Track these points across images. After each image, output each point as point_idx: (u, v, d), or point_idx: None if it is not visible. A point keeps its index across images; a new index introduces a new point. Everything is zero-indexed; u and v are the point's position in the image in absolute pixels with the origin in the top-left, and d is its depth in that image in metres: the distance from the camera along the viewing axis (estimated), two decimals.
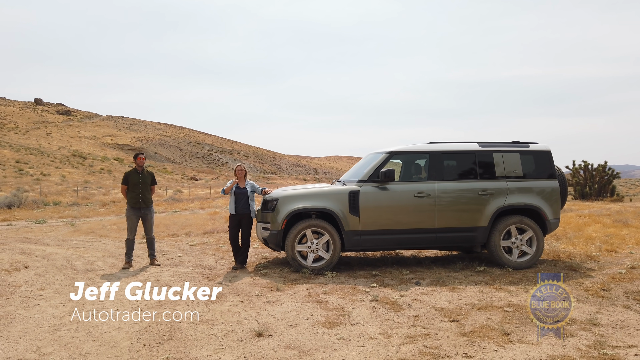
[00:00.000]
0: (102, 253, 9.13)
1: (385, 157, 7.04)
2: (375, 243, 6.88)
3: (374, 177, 6.90)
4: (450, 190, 6.93)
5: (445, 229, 6.89)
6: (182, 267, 7.51)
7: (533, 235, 6.96)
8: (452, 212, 6.91)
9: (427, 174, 7.03)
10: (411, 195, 6.85)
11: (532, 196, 7.04)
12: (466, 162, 7.12)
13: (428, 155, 7.09)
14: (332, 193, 6.87)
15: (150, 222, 7.87)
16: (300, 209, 6.74)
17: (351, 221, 6.75)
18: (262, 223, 7.12)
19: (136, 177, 7.73)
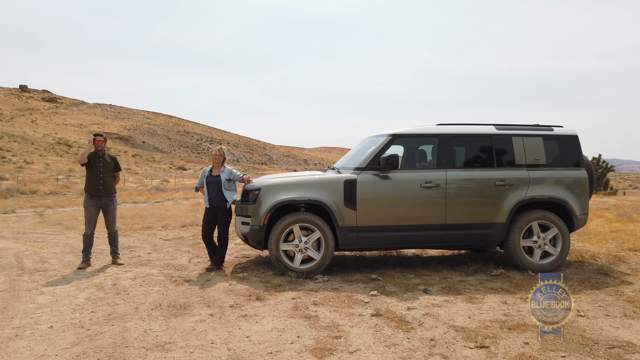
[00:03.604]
0: (61, 249, 8.00)
1: (388, 141, 5.98)
2: (375, 241, 5.84)
3: (373, 164, 5.84)
4: (463, 179, 5.90)
5: (457, 225, 5.87)
6: (149, 268, 6.42)
7: (558, 233, 5.97)
8: (464, 206, 5.89)
9: (436, 160, 5.99)
10: (417, 185, 5.81)
11: (557, 188, 6.03)
12: (481, 147, 6.08)
13: (437, 138, 6.04)
14: (325, 182, 5.81)
15: (113, 214, 6.75)
16: (286, 200, 5.67)
17: (346, 215, 5.70)
18: (242, 217, 6.04)
19: (96, 161, 6.59)
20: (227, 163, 6.45)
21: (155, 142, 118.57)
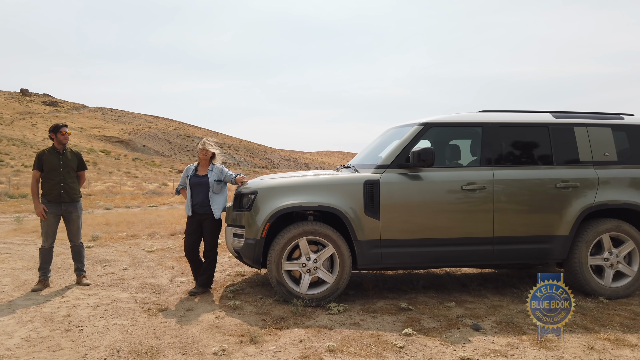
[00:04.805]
0: (24, 263, 6.76)
1: (419, 131, 4.72)
2: (403, 259, 4.57)
3: (400, 160, 4.59)
4: (515, 180, 4.64)
5: (507, 238, 4.61)
6: (119, 290, 5.17)
7: (635, 248, 4.71)
8: (516, 214, 4.63)
9: (480, 156, 4.73)
10: (458, 187, 4.56)
11: (633, 191, 4.77)
12: (536, 139, 4.82)
13: (480, 128, 4.78)
14: (339, 183, 4.55)
15: (77, 224, 5.50)
16: (290, 206, 4.42)
17: (367, 226, 4.45)
18: (234, 227, 4.78)
19: (54, 159, 5.35)
20: (226, 166, 5.15)
21: (156, 146, 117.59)
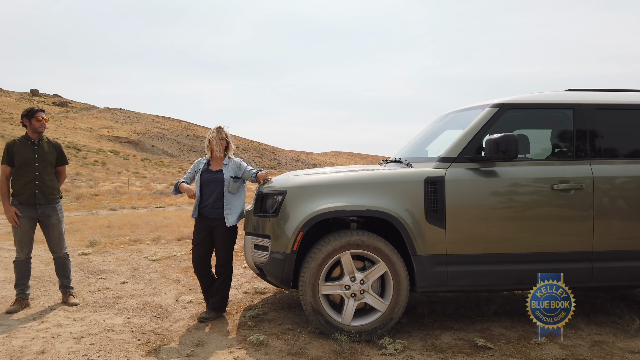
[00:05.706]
0: (4, 274, 5.80)
1: (493, 114, 3.66)
2: (476, 280, 3.51)
3: (470, 152, 3.54)
4: (619, 177, 3.57)
5: (610, 253, 3.54)
6: (113, 312, 4.17)
7: None
8: (623, 222, 3.56)
9: (575, 147, 3.67)
10: (547, 186, 3.50)
11: None
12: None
13: (572, 111, 3.71)
14: (392, 181, 3.51)
15: (58, 230, 4.48)
16: (331, 210, 3.37)
17: (429, 236, 3.40)
18: (255, 236, 3.74)
19: (28, 151, 4.32)
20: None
21: (165, 147, 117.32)
